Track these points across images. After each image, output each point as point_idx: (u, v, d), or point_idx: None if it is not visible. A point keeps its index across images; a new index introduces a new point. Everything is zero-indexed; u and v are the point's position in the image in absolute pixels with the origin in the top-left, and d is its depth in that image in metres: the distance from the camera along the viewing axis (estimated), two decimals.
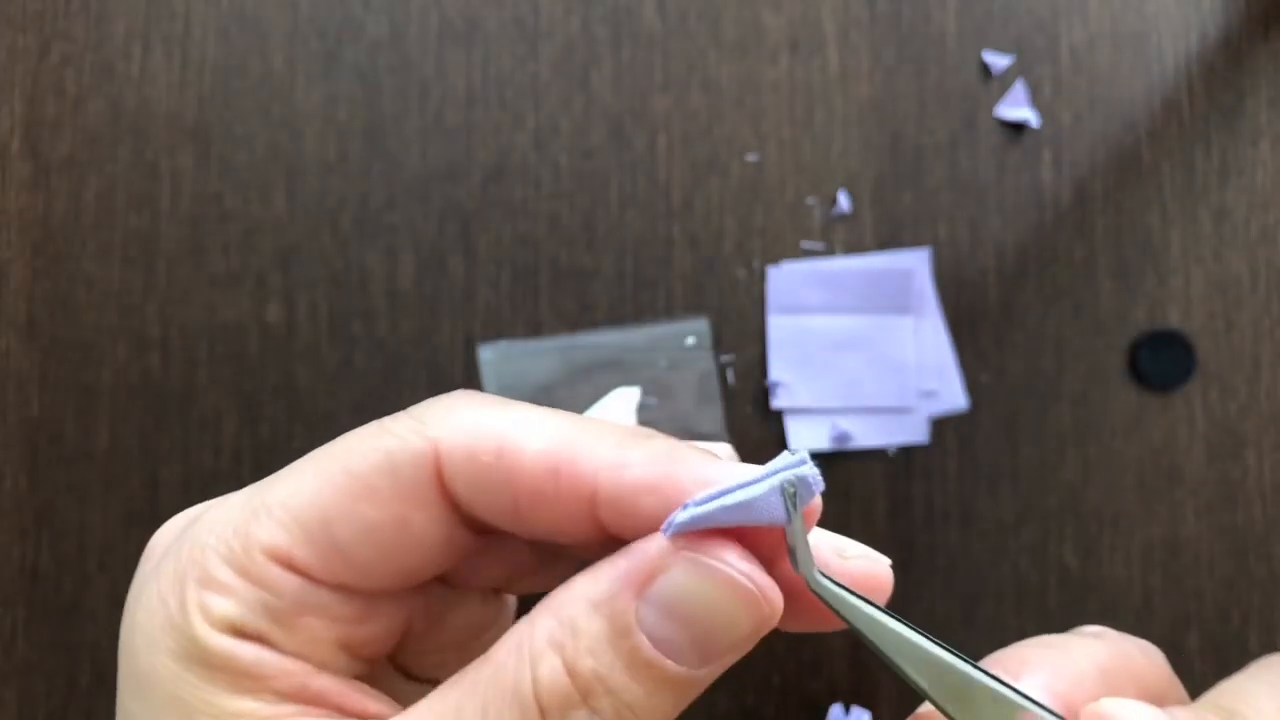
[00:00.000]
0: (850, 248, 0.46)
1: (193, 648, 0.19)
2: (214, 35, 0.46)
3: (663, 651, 0.18)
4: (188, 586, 0.20)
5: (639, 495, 0.19)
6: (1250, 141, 0.47)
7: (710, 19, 0.47)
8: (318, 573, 0.20)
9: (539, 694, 0.18)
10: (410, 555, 0.20)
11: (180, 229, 0.46)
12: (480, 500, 0.20)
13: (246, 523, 0.20)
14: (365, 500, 0.20)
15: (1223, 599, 0.45)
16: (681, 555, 0.19)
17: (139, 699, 0.20)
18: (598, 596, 0.19)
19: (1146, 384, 0.46)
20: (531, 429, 0.20)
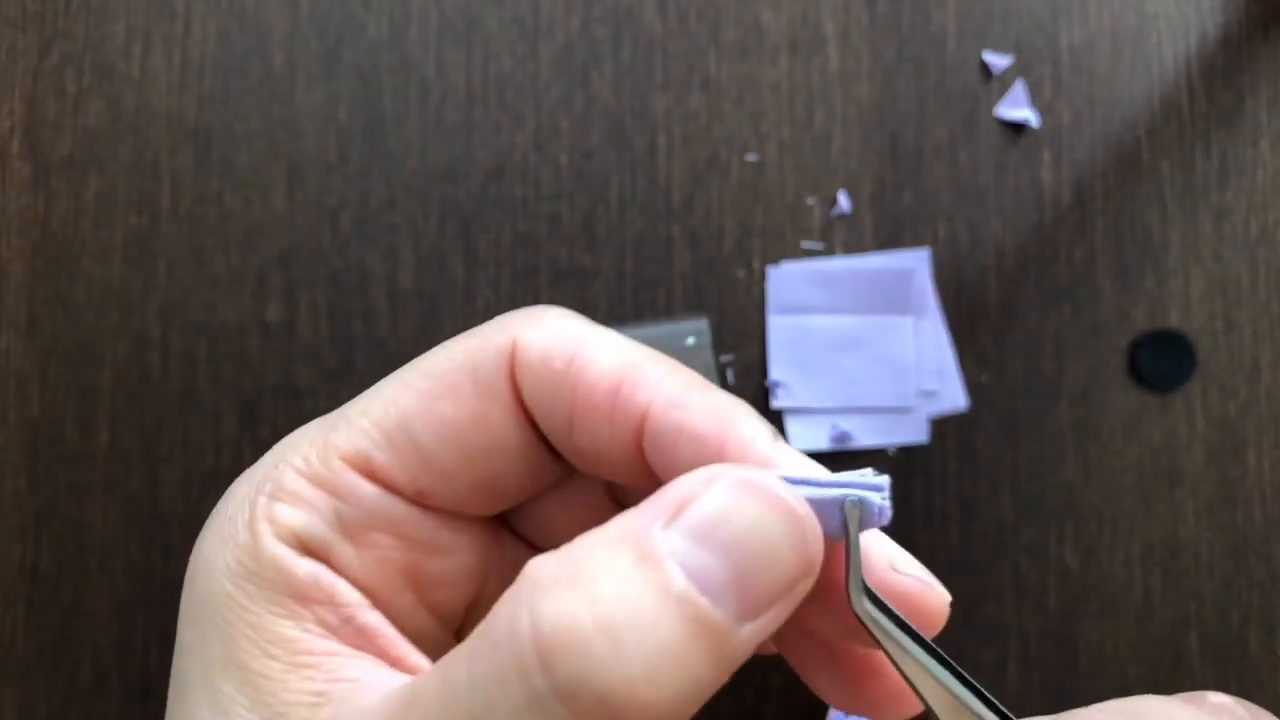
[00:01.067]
0: (850, 248, 0.46)
1: (250, 561, 0.18)
2: (214, 35, 0.46)
3: (697, 587, 0.16)
4: (258, 501, 0.19)
5: (685, 438, 0.18)
6: (1250, 141, 0.47)
7: (710, 19, 0.47)
8: (397, 477, 0.19)
9: (538, 637, 0.15)
10: (489, 461, 0.20)
11: (180, 229, 0.46)
12: (541, 404, 0.19)
13: (324, 434, 0.20)
14: (445, 398, 0.19)
15: (1222, 599, 0.45)
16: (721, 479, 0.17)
17: (190, 625, 0.19)
18: (618, 530, 0.16)
19: (1146, 384, 0.46)
20: (606, 347, 0.19)
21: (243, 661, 0.18)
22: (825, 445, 0.45)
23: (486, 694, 0.15)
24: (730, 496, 0.16)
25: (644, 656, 0.15)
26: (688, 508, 0.16)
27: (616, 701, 0.15)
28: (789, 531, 0.16)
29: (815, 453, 0.45)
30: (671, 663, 0.15)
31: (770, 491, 0.16)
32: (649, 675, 0.15)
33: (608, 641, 0.15)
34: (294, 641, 0.18)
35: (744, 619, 0.16)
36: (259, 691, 0.18)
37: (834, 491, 0.17)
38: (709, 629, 0.15)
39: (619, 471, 0.20)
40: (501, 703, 0.15)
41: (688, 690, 0.15)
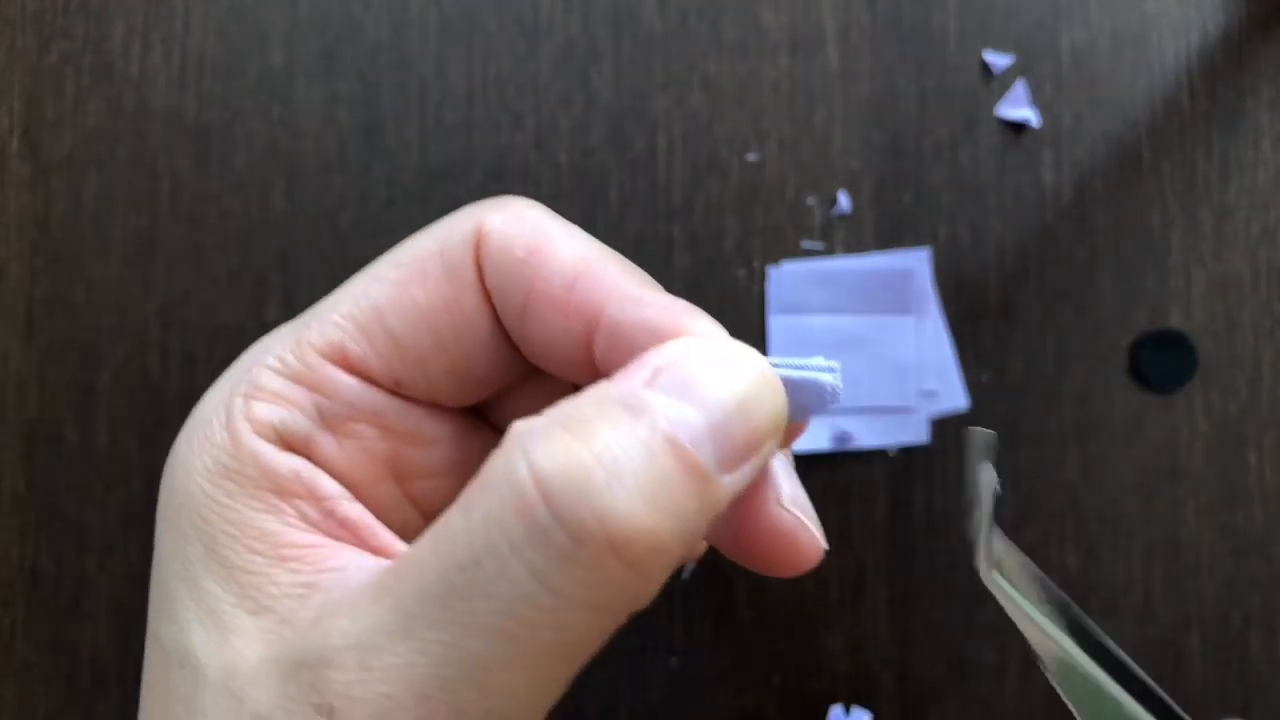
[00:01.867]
0: (850, 248, 0.46)
1: (229, 460, 0.18)
2: (213, 34, 0.46)
3: (681, 435, 0.16)
4: (233, 402, 0.19)
5: (643, 334, 0.18)
6: (1251, 141, 0.47)
7: (710, 19, 0.47)
8: (374, 366, 0.20)
9: (538, 474, 0.15)
10: (462, 347, 0.20)
11: (180, 228, 0.46)
12: (500, 291, 0.20)
13: (297, 333, 0.20)
14: (416, 284, 0.20)
15: (1223, 600, 0.45)
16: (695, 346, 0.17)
17: (169, 532, 0.19)
18: (601, 390, 0.17)
19: (1147, 384, 0.46)
20: (567, 241, 0.19)
21: (225, 558, 0.18)
22: (826, 445, 0.45)
23: (486, 537, 0.16)
24: (706, 360, 0.17)
25: (643, 487, 0.16)
26: (666, 371, 0.17)
27: (618, 525, 0.15)
28: (759, 392, 0.17)
29: (816, 453, 0.45)
30: (667, 496, 0.16)
31: (742, 356, 0.18)
32: (648, 504, 0.15)
33: (607, 474, 0.15)
34: (276, 535, 0.18)
35: (722, 469, 0.17)
36: (244, 587, 0.18)
37: (795, 372, 0.18)
38: (696, 470, 0.16)
39: (567, 365, 0.20)
40: (502, 542, 0.15)
41: (681, 525, 0.16)
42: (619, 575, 0.16)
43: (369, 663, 0.16)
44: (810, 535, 0.20)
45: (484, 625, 0.16)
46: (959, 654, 0.45)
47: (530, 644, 0.16)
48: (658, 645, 0.45)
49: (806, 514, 0.20)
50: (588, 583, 0.16)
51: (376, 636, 0.16)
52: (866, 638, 0.45)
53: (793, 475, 0.20)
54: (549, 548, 0.15)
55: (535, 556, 0.15)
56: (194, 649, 0.18)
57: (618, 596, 0.16)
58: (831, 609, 0.45)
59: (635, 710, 0.44)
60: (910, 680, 0.45)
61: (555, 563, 0.15)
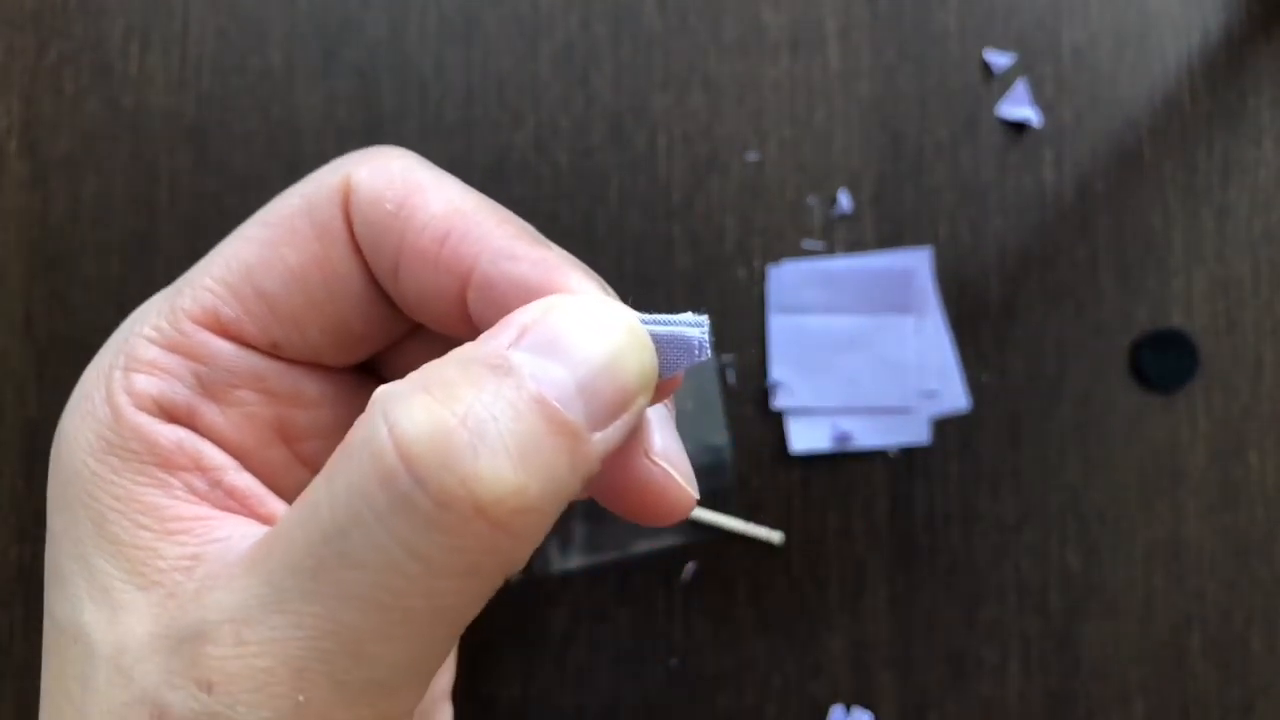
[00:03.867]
0: (851, 247, 0.46)
1: (111, 435, 0.18)
2: (212, 34, 0.46)
3: (550, 394, 0.16)
4: (112, 375, 0.19)
5: (515, 289, 0.18)
6: (1252, 140, 0.47)
7: (710, 18, 0.47)
8: (249, 330, 0.19)
9: (398, 439, 0.15)
10: (336, 305, 0.19)
11: (179, 228, 0.46)
12: (370, 245, 0.19)
13: (171, 300, 0.19)
14: (285, 245, 0.19)
15: (1224, 600, 0.45)
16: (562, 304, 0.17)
17: (59, 511, 0.19)
18: (466, 351, 0.16)
19: (1148, 384, 0.46)
20: (439, 194, 0.19)
21: (114, 535, 0.18)
22: (826, 445, 0.45)
23: (350, 506, 0.15)
24: (573, 318, 0.17)
25: (509, 447, 0.15)
26: (532, 329, 0.16)
27: (484, 488, 0.15)
28: (628, 348, 0.17)
29: (816, 453, 0.45)
30: (534, 455, 0.15)
31: (611, 312, 0.17)
32: (513, 464, 0.15)
33: (471, 434, 0.15)
34: (163, 509, 0.18)
35: (593, 426, 0.16)
36: (133, 563, 0.18)
37: (663, 328, 0.18)
38: (566, 428, 0.16)
39: (444, 320, 0.19)
40: (366, 511, 0.15)
41: (551, 485, 0.16)
42: (488, 539, 0.15)
43: (244, 636, 0.16)
44: (679, 487, 0.19)
45: (355, 596, 0.15)
46: (959, 654, 0.45)
47: (403, 613, 0.16)
48: (658, 645, 0.44)
49: (677, 466, 0.19)
50: (456, 548, 0.15)
51: (250, 610, 0.16)
52: (866, 638, 0.45)
53: (668, 427, 0.19)
54: (413, 514, 0.15)
55: (400, 524, 0.15)
56: (86, 626, 0.18)
57: (489, 560, 0.16)
58: (831, 609, 0.45)
59: (635, 710, 0.44)
60: (910, 680, 0.45)
61: (421, 530, 0.15)
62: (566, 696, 0.44)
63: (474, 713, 0.44)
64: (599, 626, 0.44)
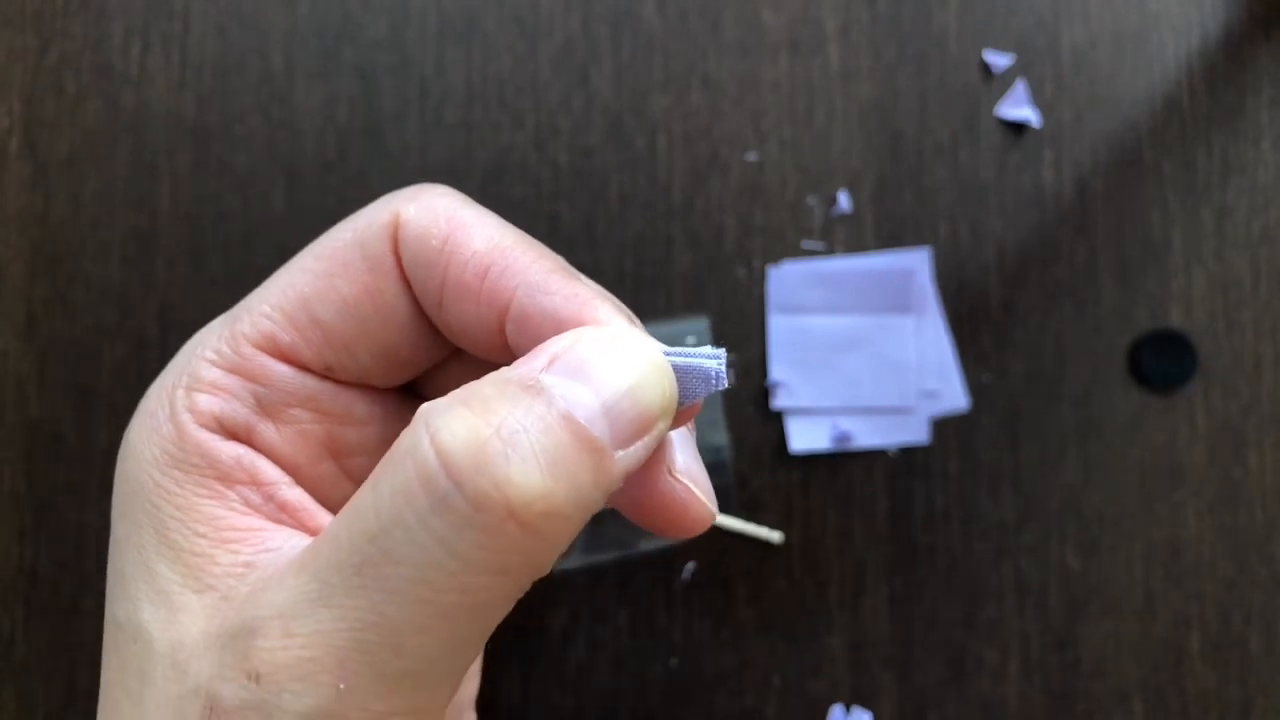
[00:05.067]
0: (850, 247, 0.46)
1: (175, 450, 0.20)
2: (213, 34, 0.46)
3: (577, 413, 0.17)
4: (176, 394, 0.20)
5: (548, 321, 0.19)
6: (1252, 140, 0.47)
7: (710, 18, 0.47)
8: (304, 354, 0.21)
9: (439, 447, 0.17)
10: (386, 332, 0.21)
11: (179, 228, 0.46)
12: (418, 278, 0.21)
13: (229, 325, 0.21)
14: (339, 276, 0.21)
15: (1224, 600, 0.45)
16: (589, 334, 0.18)
17: (124, 518, 0.20)
18: (502, 374, 0.18)
19: (1148, 384, 0.46)
20: (481, 230, 0.20)
21: (174, 542, 0.19)
22: (826, 445, 0.45)
23: (394, 508, 0.17)
24: (600, 347, 0.18)
25: (539, 456, 0.17)
26: (563, 356, 0.18)
27: (515, 491, 0.16)
28: (650, 376, 0.18)
29: (816, 453, 0.45)
30: (561, 465, 0.17)
31: (633, 341, 0.18)
32: (542, 472, 0.17)
33: (504, 444, 0.16)
34: (219, 519, 0.20)
35: (616, 445, 0.18)
36: (190, 568, 0.19)
37: (685, 360, 0.19)
38: (591, 444, 0.17)
39: (484, 347, 0.21)
40: (408, 512, 0.17)
41: (576, 494, 0.17)
42: (518, 539, 0.17)
43: (292, 629, 0.17)
44: (699, 503, 0.21)
45: (396, 590, 0.17)
46: (959, 654, 0.45)
47: (440, 607, 0.17)
48: (658, 645, 0.45)
49: (698, 484, 0.21)
50: (489, 547, 0.16)
51: (299, 605, 0.17)
52: (866, 638, 0.45)
53: (690, 448, 0.21)
54: (451, 514, 0.16)
55: (439, 523, 0.16)
56: (145, 625, 0.19)
57: (519, 560, 0.17)
58: (831, 609, 0.45)
59: (635, 710, 0.44)
60: (910, 680, 0.45)
61: (458, 529, 0.16)
62: (566, 696, 0.44)
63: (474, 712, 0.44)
64: (599, 626, 0.44)
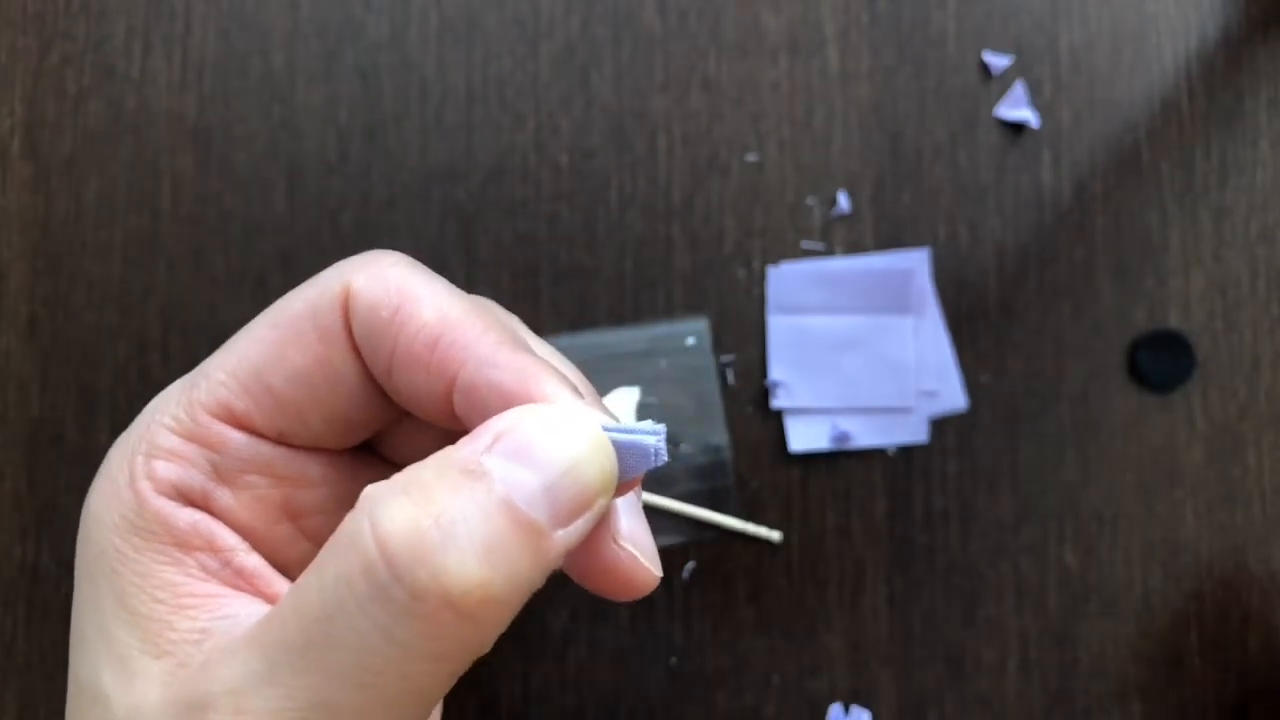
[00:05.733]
0: (850, 248, 0.46)
1: (135, 517, 0.20)
2: (214, 35, 0.46)
3: (516, 496, 0.18)
4: (135, 460, 0.21)
5: (494, 395, 0.20)
6: (1250, 141, 0.47)
7: (710, 19, 0.47)
8: (258, 421, 0.21)
9: (379, 536, 0.17)
10: (337, 399, 0.21)
11: (181, 229, 0.46)
12: (368, 347, 0.21)
13: (187, 392, 0.22)
14: (291, 345, 0.21)
15: (1222, 599, 0.45)
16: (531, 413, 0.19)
17: (85, 581, 0.21)
18: (444, 457, 0.19)
19: (1146, 384, 0.46)
20: (430, 301, 0.21)
21: (133, 607, 0.20)
22: (825, 445, 0.45)
23: (336, 594, 0.17)
24: (541, 426, 0.19)
25: (474, 545, 0.17)
26: (505, 436, 0.18)
27: (452, 582, 0.17)
28: (590, 454, 0.19)
29: (815, 452, 0.45)
30: (499, 552, 0.17)
31: (573, 419, 0.19)
32: (479, 561, 0.17)
33: (443, 535, 0.17)
34: (177, 585, 0.20)
35: (556, 525, 0.18)
36: (148, 633, 0.20)
37: (624, 436, 0.20)
38: (529, 527, 0.18)
39: (433, 414, 0.21)
40: (350, 599, 0.17)
41: (513, 581, 0.18)
42: (456, 627, 0.17)
43: (242, 706, 0.18)
44: (643, 568, 0.21)
45: (339, 674, 0.18)
46: (957, 653, 0.45)
47: (381, 691, 0.18)
48: (658, 645, 0.45)
49: (641, 548, 0.21)
50: (428, 635, 0.17)
51: (248, 682, 0.18)
52: (865, 637, 0.45)
53: (635, 512, 0.22)
54: (390, 604, 0.17)
55: (378, 612, 0.17)
56: (104, 689, 0.20)
57: (458, 646, 0.18)
58: (830, 608, 0.45)
59: (635, 709, 0.44)
60: (908, 679, 0.45)
61: (396, 617, 0.17)
62: (566, 696, 0.44)
63: (474, 713, 0.44)
64: (599, 626, 0.45)
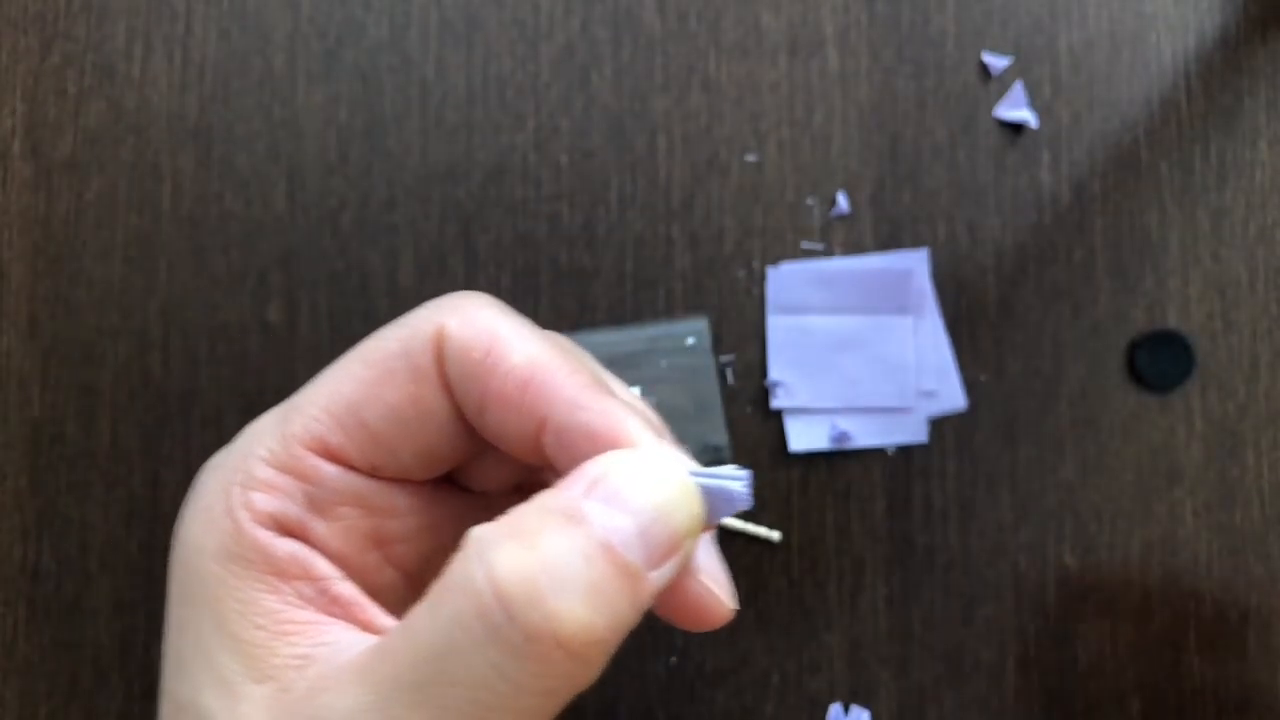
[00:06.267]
0: (849, 248, 0.46)
1: (234, 545, 0.21)
2: (215, 36, 0.46)
3: (614, 540, 0.19)
4: (231, 491, 0.22)
5: (582, 438, 0.21)
6: (1249, 142, 0.47)
7: (710, 19, 0.47)
8: (352, 455, 0.22)
9: (494, 581, 0.18)
10: (428, 435, 0.23)
11: (181, 229, 0.46)
12: (460, 388, 0.22)
13: (282, 425, 0.23)
14: (385, 384, 0.22)
15: (1221, 599, 0.45)
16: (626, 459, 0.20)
17: (182, 605, 0.22)
18: (546, 501, 0.20)
19: (1145, 384, 0.46)
20: (519, 345, 0.22)
21: (234, 632, 0.21)
22: (825, 445, 0.45)
23: (450, 634, 0.19)
24: (634, 472, 0.20)
25: (581, 590, 0.18)
26: (601, 480, 0.20)
27: (562, 623, 0.18)
28: (680, 499, 0.20)
29: (815, 452, 0.45)
30: (602, 596, 0.19)
31: (666, 467, 0.20)
32: (586, 604, 0.18)
33: (552, 580, 0.18)
34: (277, 612, 0.21)
35: (650, 567, 0.19)
36: (250, 659, 0.21)
37: (711, 481, 0.21)
38: (627, 571, 0.19)
39: (521, 451, 0.23)
40: (465, 639, 0.18)
41: (615, 621, 0.19)
42: (565, 665, 0.18)
43: None
44: (719, 602, 0.22)
45: (452, 709, 0.18)
46: (956, 652, 0.45)
47: None
48: (658, 645, 0.45)
49: (718, 583, 0.23)
50: (539, 673, 0.18)
51: (359, 714, 0.19)
52: (865, 636, 0.45)
53: (710, 549, 0.23)
54: (504, 644, 0.18)
55: (493, 652, 0.18)
56: (208, 709, 0.21)
57: (565, 682, 0.19)
58: (830, 607, 0.45)
59: (635, 709, 0.44)
60: (908, 678, 0.45)
61: (511, 657, 0.18)
62: None
63: None
64: None
